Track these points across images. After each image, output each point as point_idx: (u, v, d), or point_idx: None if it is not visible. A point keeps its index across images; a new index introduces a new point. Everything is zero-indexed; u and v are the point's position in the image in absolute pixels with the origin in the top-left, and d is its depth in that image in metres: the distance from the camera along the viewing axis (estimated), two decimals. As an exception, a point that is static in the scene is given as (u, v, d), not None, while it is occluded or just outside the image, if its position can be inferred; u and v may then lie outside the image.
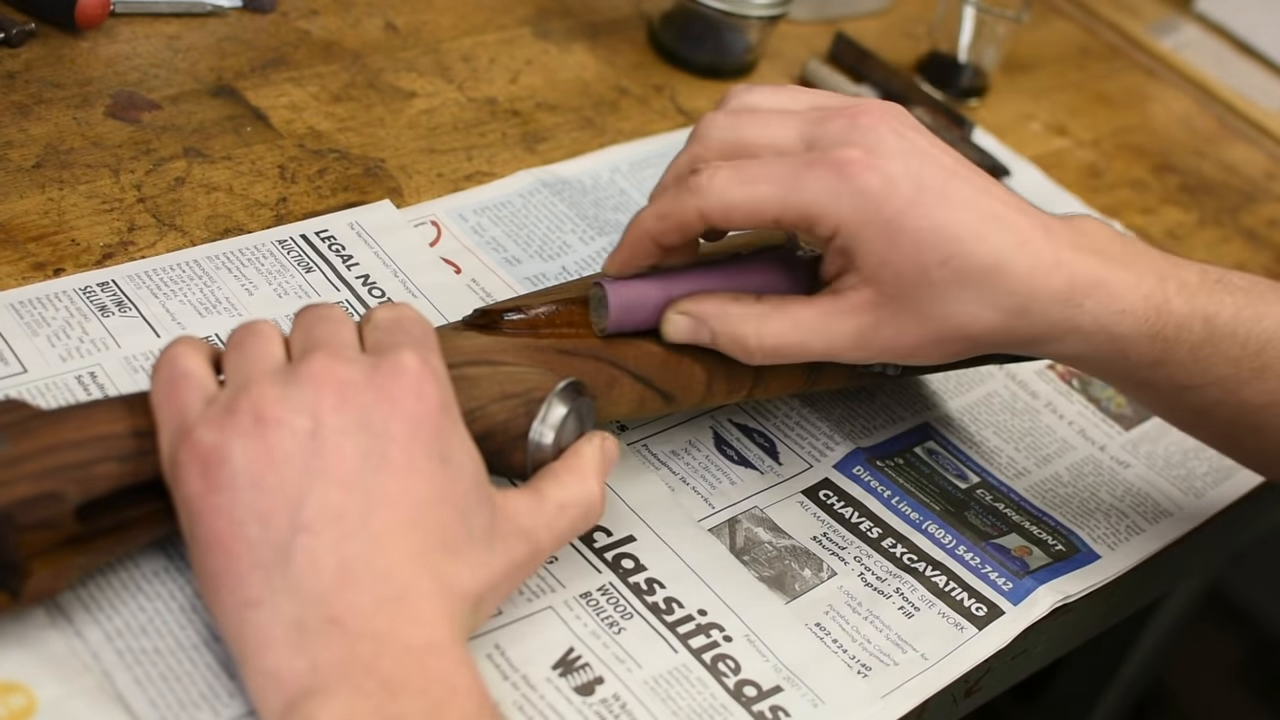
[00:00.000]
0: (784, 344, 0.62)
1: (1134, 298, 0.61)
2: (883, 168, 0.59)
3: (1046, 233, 0.61)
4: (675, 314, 0.63)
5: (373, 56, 0.88)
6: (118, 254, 0.70)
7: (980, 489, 0.75)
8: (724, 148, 0.62)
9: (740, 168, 0.61)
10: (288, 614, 0.51)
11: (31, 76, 0.78)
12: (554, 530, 0.58)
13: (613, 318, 0.63)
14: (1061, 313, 0.61)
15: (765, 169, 0.60)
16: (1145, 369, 0.63)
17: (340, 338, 0.56)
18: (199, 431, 0.52)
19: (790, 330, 0.62)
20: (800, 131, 0.61)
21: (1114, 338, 0.62)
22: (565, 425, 0.60)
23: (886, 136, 0.60)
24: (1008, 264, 0.60)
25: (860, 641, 0.65)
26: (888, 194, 0.59)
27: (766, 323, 0.62)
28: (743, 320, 0.62)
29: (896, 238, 0.59)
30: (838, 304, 0.62)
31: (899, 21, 1.12)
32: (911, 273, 0.60)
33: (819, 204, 0.59)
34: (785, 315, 0.62)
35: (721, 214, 0.61)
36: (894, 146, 0.60)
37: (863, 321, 0.61)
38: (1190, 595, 1.23)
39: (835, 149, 0.60)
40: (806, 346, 0.62)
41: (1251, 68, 1.20)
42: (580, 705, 0.59)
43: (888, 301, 0.61)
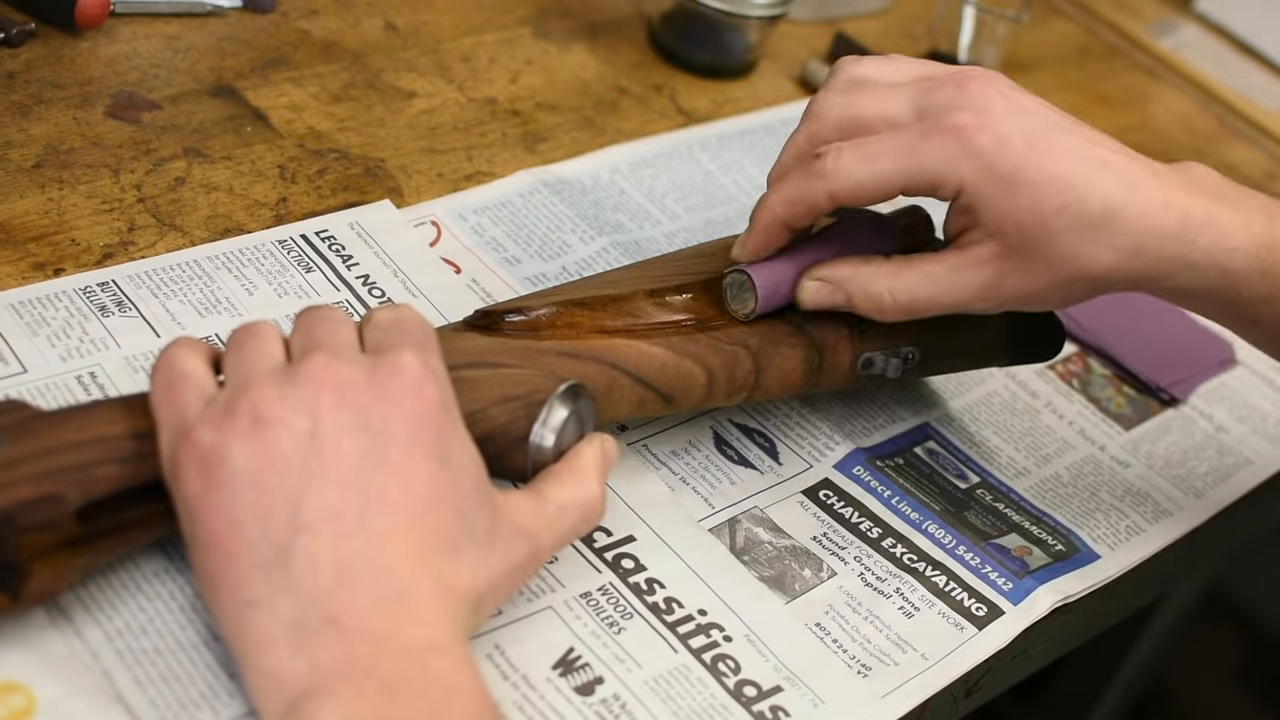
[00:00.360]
0: (917, 298, 0.65)
1: (1244, 235, 0.63)
2: (994, 128, 0.62)
3: (1155, 176, 0.64)
4: (810, 281, 0.66)
5: (373, 56, 0.88)
6: (118, 254, 0.70)
7: (980, 489, 0.75)
8: (840, 124, 0.65)
9: (860, 146, 0.63)
10: (287, 614, 0.51)
11: (31, 76, 0.78)
12: (555, 531, 0.58)
13: (762, 300, 0.66)
14: (1176, 250, 0.63)
15: (885, 144, 0.63)
16: (1256, 305, 0.65)
17: (340, 338, 0.56)
18: (198, 432, 0.52)
19: (922, 284, 0.65)
20: (911, 102, 0.64)
21: (1226, 273, 0.64)
22: (566, 428, 0.60)
23: (993, 99, 0.63)
24: (1121, 206, 0.62)
25: (860, 641, 0.65)
26: (1001, 151, 0.62)
27: (898, 280, 0.65)
28: (875, 278, 0.65)
29: (1014, 191, 0.62)
30: (965, 258, 0.64)
31: (899, 21, 1.12)
32: (1032, 223, 0.62)
33: (940, 169, 0.62)
34: (916, 271, 0.65)
35: (850, 193, 0.63)
36: (1001, 107, 0.63)
37: (989, 272, 0.64)
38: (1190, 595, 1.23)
39: (947, 115, 0.63)
40: (938, 300, 0.65)
41: (1251, 68, 1.20)
42: (580, 705, 0.59)
43: (1012, 252, 0.63)
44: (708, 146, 0.91)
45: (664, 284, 0.66)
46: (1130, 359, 0.86)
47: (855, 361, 0.69)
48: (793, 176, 0.65)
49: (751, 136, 0.93)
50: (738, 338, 0.66)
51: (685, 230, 0.84)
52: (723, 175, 0.89)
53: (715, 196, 0.88)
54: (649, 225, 0.84)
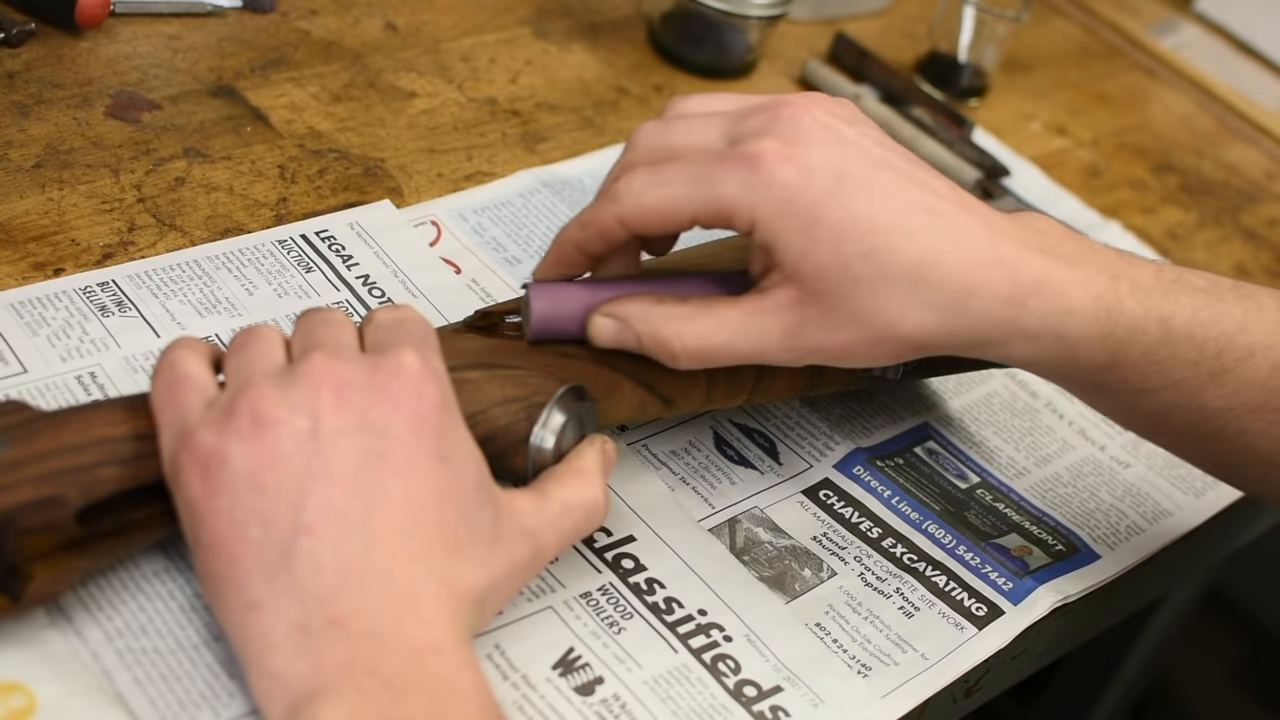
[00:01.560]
0: (710, 345, 0.60)
1: (1083, 298, 0.59)
2: (799, 158, 0.57)
3: (988, 228, 0.59)
4: (599, 316, 0.61)
5: (373, 56, 0.88)
6: (118, 254, 0.70)
7: (980, 489, 0.75)
8: (651, 154, 0.61)
9: (654, 170, 0.59)
10: (290, 616, 0.51)
11: (31, 76, 0.78)
12: (559, 531, 0.58)
13: (536, 318, 0.61)
14: (1003, 312, 0.58)
15: (678, 169, 0.59)
16: (1097, 372, 0.61)
17: (340, 339, 0.56)
18: (199, 434, 0.52)
19: (715, 330, 0.59)
20: (723, 131, 0.60)
21: (1062, 339, 0.59)
22: (566, 430, 0.60)
23: (808, 126, 0.58)
24: (939, 259, 0.57)
25: (860, 641, 0.65)
26: (804, 184, 0.57)
27: (690, 323, 0.60)
28: (666, 321, 0.60)
29: (813, 230, 0.57)
30: (762, 302, 0.59)
31: (899, 21, 1.12)
32: (833, 267, 0.57)
33: (729, 198, 0.58)
34: (710, 315, 0.60)
35: (638, 217, 0.59)
36: (815, 136, 0.58)
37: (788, 320, 0.59)
38: (1190, 595, 1.23)
39: (749, 142, 0.58)
40: (733, 347, 0.60)
41: (1251, 68, 1.20)
42: (580, 705, 0.59)
43: (812, 298, 0.58)
44: (708, 146, 0.91)
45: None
46: (1130, 359, 0.86)
47: None
48: (595, 200, 0.62)
49: (751, 136, 0.93)
50: None
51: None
52: (723, 175, 0.89)
53: (715, 196, 0.88)
54: (649, 225, 0.84)
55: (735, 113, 0.61)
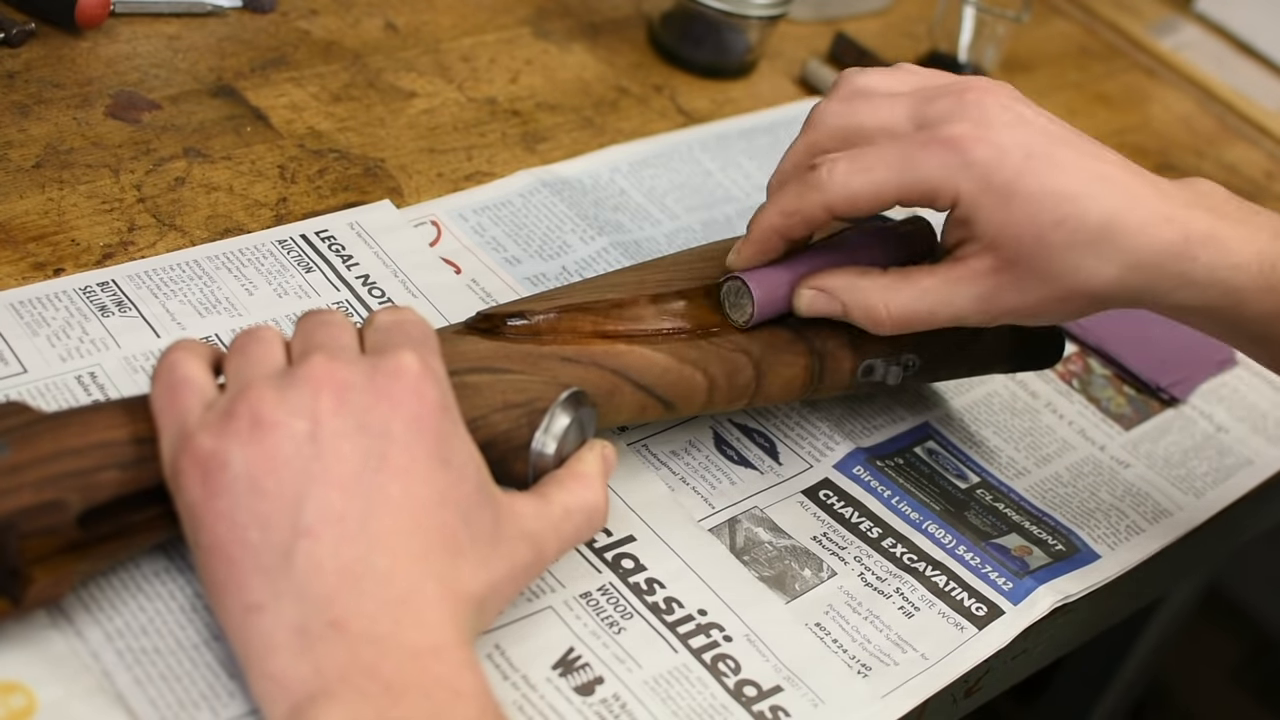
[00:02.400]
0: (912, 312, 0.64)
1: (1248, 252, 0.63)
2: (992, 139, 0.62)
3: (1158, 191, 0.63)
4: (806, 290, 0.66)
5: (373, 56, 0.88)
6: (118, 254, 0.70)
7: (980, 489, 0.75)
8: (838, 134, 0.64)
9: (856, 157, 0.63)
10: (290, 618, 0.50)
11: (31, 76, 0.78)
12: (559, 534, 0.58)
13: (759, 307, 0.65)
14: (1176, 266, 0.62)
15: (880, 155, 0.63)
16: (1261, 322, 0.65)
17: (340, 340, 0.56)
18: (198, 437, 0.52)
19: (918, 298, 0.64)
20: (910, 112, 0.64)
21: (1229, 291, 0.63)
22: (568, 435, 0.60)
23: (992, 109, 0.62)
24: (1121, 221, 0.61)
25: (860, 641, 0.65)
26: (999, 163, 0.61)
27: (894, 293, 0.64)
28: (871, 291, 0.65)
29: (1010, 203, 0.61)
30: (961, 271, 0.64)
31: (899, 21, 1.12)
32: (1029, 236, 0.62)
33: (935, 180, 0.62)
34: (912, 285, 0.64)
35: (846, 204, 0.63)
36: (1000, 118, 0.62)
37: (985, 286, 0.63)
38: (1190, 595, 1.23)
39: (944, 126, 0.62)
40: (934, 313, 0.64)
41: (1251, 68, 1.20)
42: (580, 705, 0.59)
43: (1008, 265, 0.63)
44: (708, 146, 0.91)
45: (667, 289, 0.66)
46: (1130, 359, 0.86)
47: (856, 368, 0.69)
48: (790, 187, 0.65)
49: (751, 136, 0.93)
50: (739, 344, 0.66)
51: (685, 230, 0.84)
52: (723, 175, 0.89)
53: (715, 196, 0.88)
54: (649, 225, 0.84)
55: (916, 93, 0.64)
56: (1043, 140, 0.62)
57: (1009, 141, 0.62)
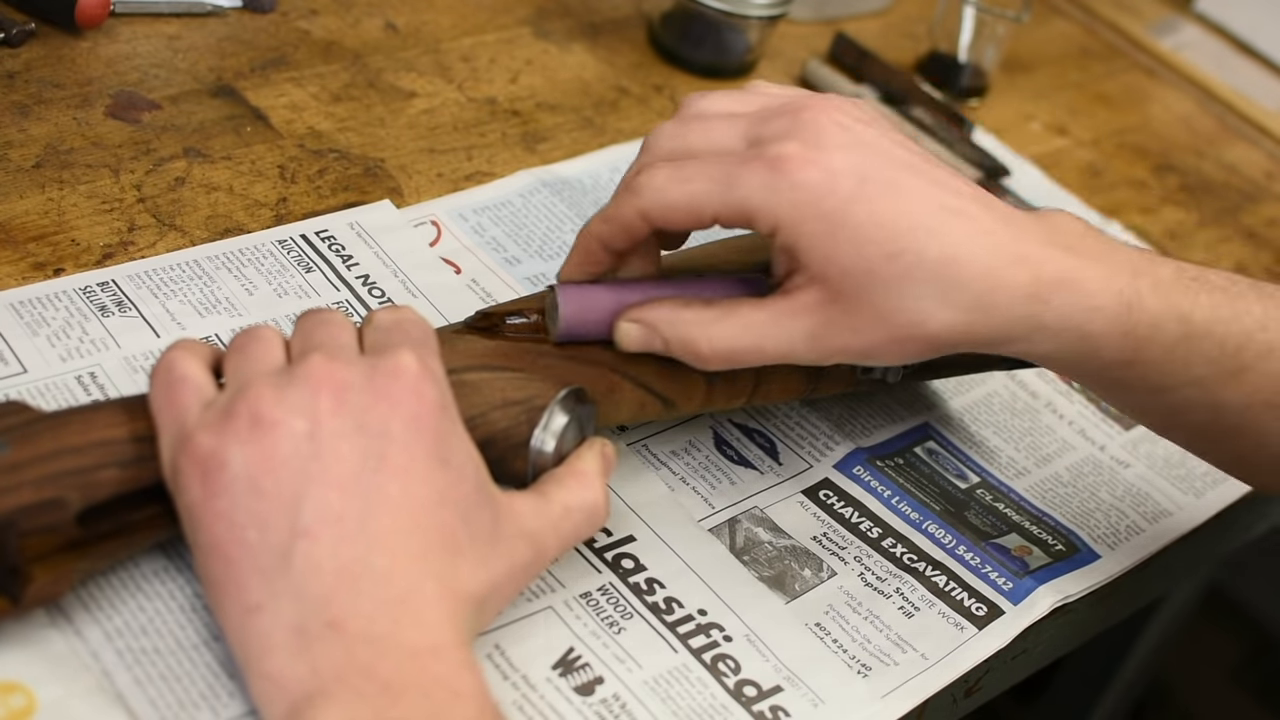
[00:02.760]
0: (737, 347, 0.60)
1: (1105, 294, 0.59)
2: (822, 161, 0.57)
3: (1009, 226, 0.59)
4: (625, 322, 0.62)
5: (373, 56, 0.88)
6: (118, 254, 0.70)
7: (980, 489, 0.75)
8: (670, 155, 0.61)
9: (677, 167, 0.60)
10: (289, 618, 0.50)
11: (31, 76, 0.78)
12: (559, 533, 0.58)
13: (564, 322, 0.61)
14: (1027, 309, 0.58)
15: (702, 167, 0.59)
16: (1118, 368, 0.61)
17: (339, 340, 0.56)
18: (198, 437, 0.52)
19: (741, 333, 0.60)
20: (744, 132, 0.60)
21: (1084, 336, 0.60)
22: (566, 433, 0.60)
23: (829, 129, 0.58)
24: (964, 258, 0.57)
25: (860, 641, 0.65)
26: (828, 188, 0.57)
27: (717, 327, 0.60)
28: (693, 325, 0.60)
29: (838, 233, 0.57)
30: (789, 304, 0.60)
31: (899, 21, 1.12)
32: (858, 269, 0.57)
33: (754, 200, 0.58)
34: (736, 318, 0.60)
35: (661, 213, 0.60)
36: (837, 140, 0.58)
37: (814, 321, 0.59)
38: (1190, 595, 1.23)
39: (773, 144, 0.58)
40: (760, 349, 0.60)
41: (1251, 68, 1.20)
42: (580, 705, 0.59)
43: (837, 299, 0.58)
44: (708, 146, 0.91)
45: None
46: (1130, 359, 0.86)
47: (856, 367, 0.69)
48: (615, 196, 0.62)
49: (751, 136, 0.93)
50: None
51: (685, 230, 0.84)
52: (723, 175, 0.89)
53: (715, 196, 0.88)
54: (649, 225, 0.84)
55: (755, 114, 0.61)
56: (882, 165, 0.58)
57: (841, 165, 0.57)
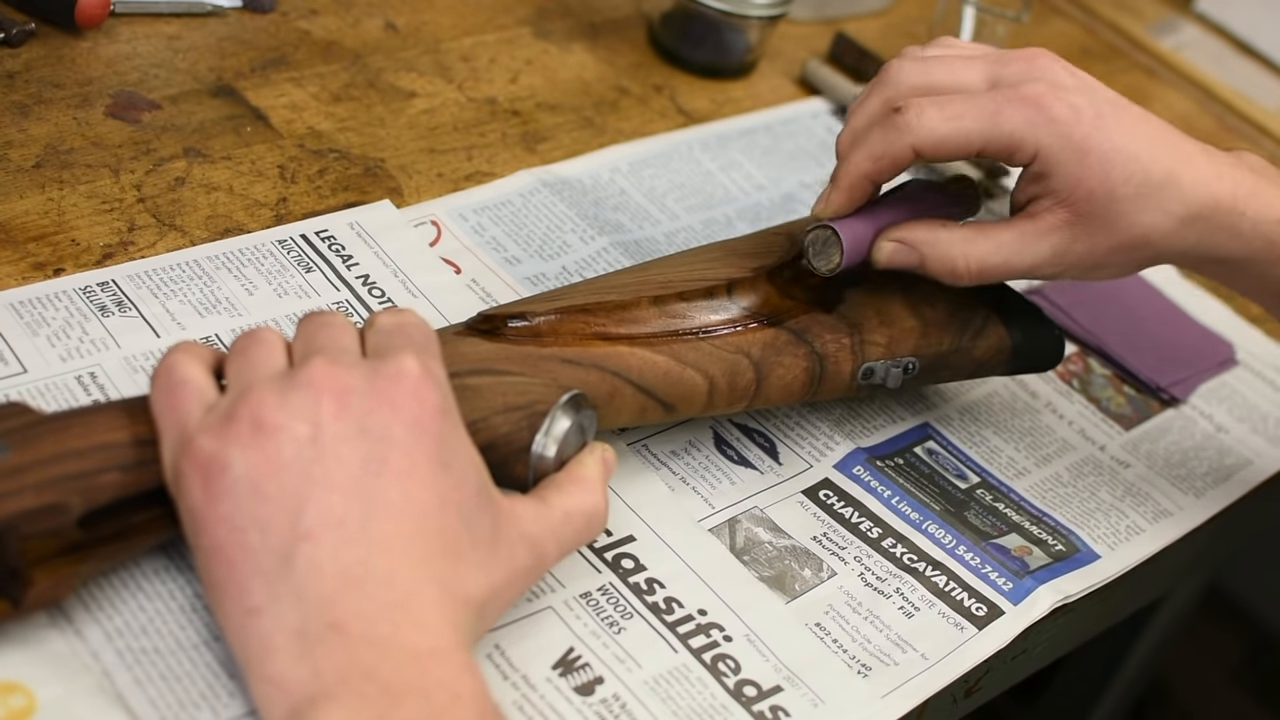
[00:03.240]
0: (989, 264, 0.67)
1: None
2: (1069, 99, 0.66)
3: (1207, 154, 0.68)
4: (887, 241, 0.68)
5: (373, 56, 0.88)
6: (118, 254, 0.70)
7: (980, 489, 0.75)
8: (915, 90, 0.67)
9: (943, 104, 0.65)
10: (290, 621, 0.50)
11: (31, 76, 0.78)
12: (559, 538, 0.58)
13: (848, 255, 0.67)
14: (1226, 219, 0.67)
15: (967, 104, 0.66)
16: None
17: (341, 343, 0.56)
18: (199, 440, 0.52)
19: (994, 251, 0.67)
20: (985, 73, 0.67)
21: (1270, 244, 0.68)
22: (568, 438, 0.60)
23: (1061, 74, 0.67)
24: (1178, 176, 0.66)
25: (860, 641, 0.65)
26: (1076, 119, 0.65)
27: (972, 245, 0.67)
28: (951, 244, 0.67)
29: (1085, 159, 0.65)
30: (1036, 225, 0.67)
31: (899, 21, 1.12)
32: (1101, 190, 0.65)
33: (1019, 133, 0.65)
34: (988, 238, 0.67)
35: (932, 147, 0.66)
36: (1070, 82, 0.66)
37: (1058, 239, 0.67)
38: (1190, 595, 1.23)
39: (1023, 85, 0.66)
40: (1010, 265, 0.67)
41: (1251, 68, 1.20)
42: (580, 705, 0.59)
43: (1080, 219, 0.66)
44: (708, 146, 0.91)
45: (667, 290, 0.66)
46: (1130, 359, 0.86)
47: (856, 371, 0.69)
48: (874, 133, 0.66)
49: (751, 136, 0.93)
50: (740, 347, 0.66)
51: (685, 230, 0.84)
52: (723, 175, 0.89)
53: (715, 196, 0.88)
54: (649, 225, 0.84)
55: (989, 57, 0.68)
56: (1106, 103, 0.67)
57: (1081, 102, 0.66)
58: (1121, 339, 0.87)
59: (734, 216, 0.87)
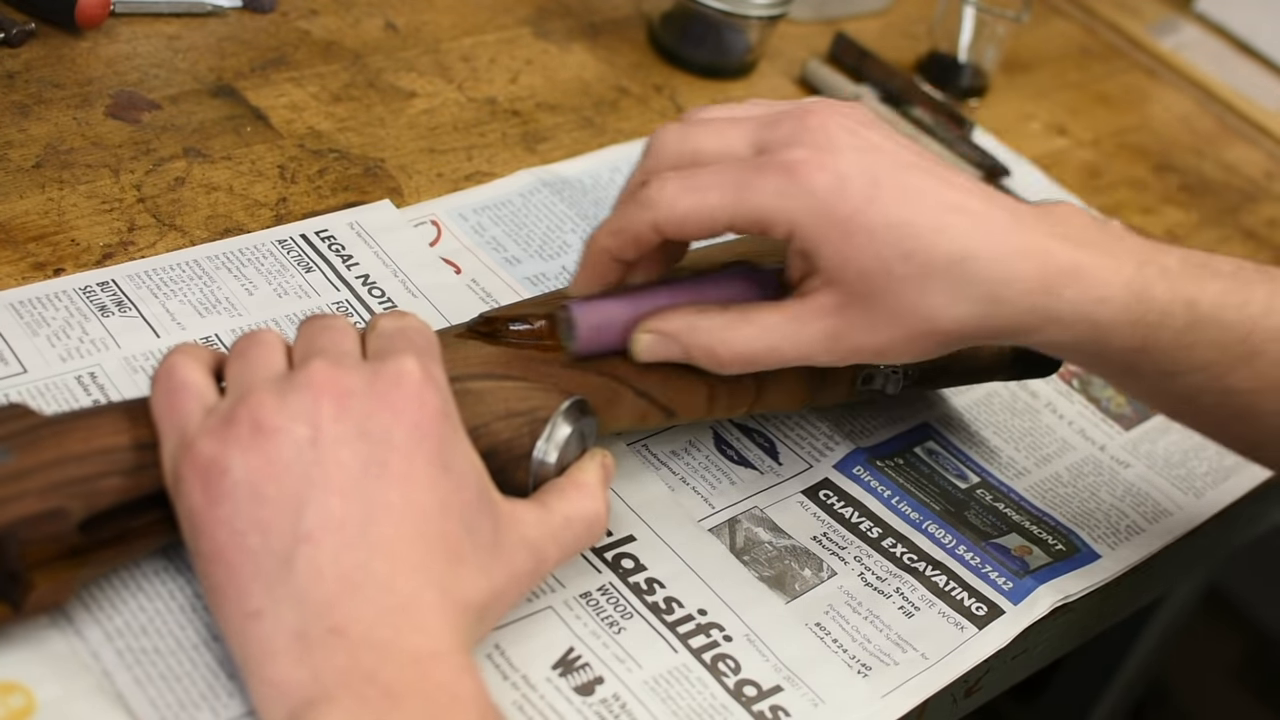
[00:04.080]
0: (754, 351, 0.61)
1: (1114, 284, 0.60)
2: (833, 166, 0.58)
3: (1016, 220, 0.60)
4: (642, 334, 0.62)
5: (373, 56, 0.88)
6: (118, 254, 0.70)
7: (980, 489, 0.75)
8: (676, 159, 0.61)
9: (688, 176, 0.60)
10: (290, 624, 0.50)
11: (31, 76, 0.78)
12: (560, 543, 0.58)
13: (581, 340, 0.61)
14: (1038, 301, 0.59)
15: (713, 176, 0.59)
16: (1128, 355, 0.62)
17: (341, 346, 0.56)
18: (199, 444, 0.52)
19: (759, 337, 0.61)
20: (751, 137, 0.60)
21: (1095, 325, 0.60)
22: (569, 445, 0.60)
23: (837, 134, 0.59)
24: (973, 253, 0.58)
25: (860, 641, 0.65)
26: (841, 192, 0.58)
27: (734, 332, 0.61)
28: (710, 331, 0.61)
29: (853, 237, 0.58)
30: (805, 307, 0.60)
31: (899, 21, 1.12)
32: (874, 270, 0.58)
33: (770, 207, 0.58)
34: (752, 323, 0.61)
35: (674, 224, 0.60)
36: (845, 143, 0.59)
37: (831, 323, 0.60)
38: (1190, 595, 1.23)
39: (784, 150, 0.59)
40: (777, 352, 0.61)
41: (1251, 68, 1.20)
42: (580, 705, 0.59)
43: (854, 301, 0.59)
44: (708, 146, 0.91)
45: None
46: (1130, 359, 0.86)
47: (856, 377, 0.69)
48: (620, 206, 0.62)
49: (751, 136, 0.93)
50: None
51: (685, 230, 0.84)
52: (723, 175, 0.89)
53: (715, 196, 0.88)
54: (649, 225, 0.84)
55: (760, 118, 0.61)
56: (890, 167, 0.59)
57: (852, 169, 0.58)
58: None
59: (734, 216, 0.87)
